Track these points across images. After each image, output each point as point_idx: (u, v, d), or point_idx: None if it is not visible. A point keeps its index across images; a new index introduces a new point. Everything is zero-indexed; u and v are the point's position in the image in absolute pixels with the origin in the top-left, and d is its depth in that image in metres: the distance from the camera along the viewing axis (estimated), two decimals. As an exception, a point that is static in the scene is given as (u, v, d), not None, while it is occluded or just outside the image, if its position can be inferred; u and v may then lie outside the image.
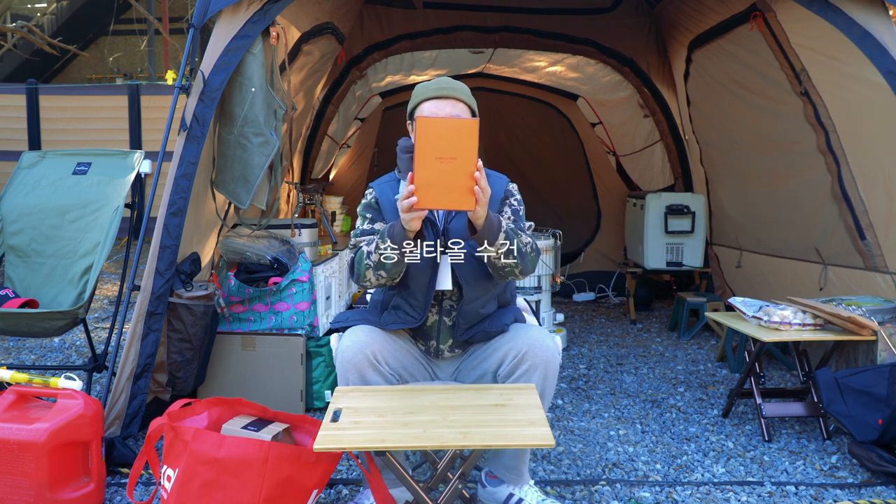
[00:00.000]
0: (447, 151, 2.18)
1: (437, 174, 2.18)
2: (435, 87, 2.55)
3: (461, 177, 2.19)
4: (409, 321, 2.56)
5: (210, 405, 2.73)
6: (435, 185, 2.19)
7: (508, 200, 2.62)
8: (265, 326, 3.73)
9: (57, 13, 14.77)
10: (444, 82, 2.57)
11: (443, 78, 2.61)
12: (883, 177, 3.71)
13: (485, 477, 2.69)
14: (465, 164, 2.18)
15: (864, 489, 2.91)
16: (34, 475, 2.47)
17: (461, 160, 2.18)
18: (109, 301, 6.16)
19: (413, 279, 2.51)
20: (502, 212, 2.59)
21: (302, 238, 4.10)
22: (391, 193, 2.59)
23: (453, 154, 2.18)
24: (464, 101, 2.55)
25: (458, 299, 2.56)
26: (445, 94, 2.52)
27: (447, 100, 2.52)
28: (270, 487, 2.35)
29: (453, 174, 2.18)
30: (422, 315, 2.55)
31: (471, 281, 2.52)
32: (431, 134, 2.17)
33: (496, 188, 2.59)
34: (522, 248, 2.42)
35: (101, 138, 8.41)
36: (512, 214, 2.59)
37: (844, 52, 3.59)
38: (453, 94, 2.53)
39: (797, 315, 3.42)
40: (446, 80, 2.59)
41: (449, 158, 2.18)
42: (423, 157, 2.17)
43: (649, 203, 5.82)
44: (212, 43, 3.29)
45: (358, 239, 2.56)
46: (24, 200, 3.54)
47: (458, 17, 5.97)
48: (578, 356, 4.88)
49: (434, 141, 2.17)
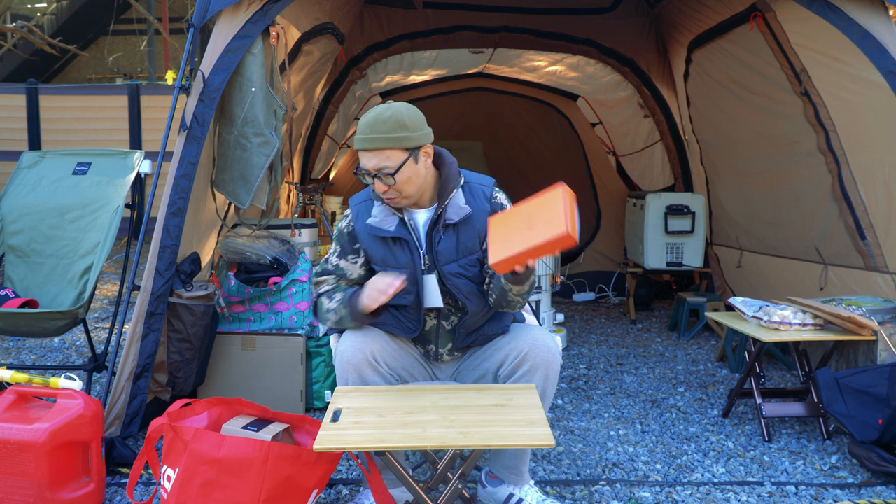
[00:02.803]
0: (536, 224, 2.15)
1: (512, 228, 2.18)
2: (360, 138, 2.38)
3: (520, 242, 2.15)
4: (406, 331, 2.56)
5: (210, 405, 2.73)
6: (507, 232, 2.18)
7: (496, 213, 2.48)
8: (265, 326, 3.73)
9: (57, 13, 14.75)
10: (369, 126, 2.37)
11: (370, 118, 2.39)
12: (883, 176, 3.71)
13: (485, 477, 2.69)
14: (532, 242, 2.13)
15: (864, 489, 2.91)
16: (34, 475, 2.47)
17: (533, 238, 2.13)
18: (109, 301, 6.16)
19: (400, 299, 2.48)
20: None
21: (302, 238, 4.10)
22: (366, 215, 2.54)
23: (534, 229, 2.14)
24: (389, 147, 2.36)
25: (455, 305, 2.55)
26: (367, 147, 2.37)
27: (370, 152, 2.37)
28: (270, 487, 2.35)
29: (519, 238, 2.16)
30: (417, 327, 2.55)
31: (472, 297, 2.50)
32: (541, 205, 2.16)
33: (478, 201, 2.50)
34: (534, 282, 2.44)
35: (101, 138, 8.41)
36: None
37: (844, 52, 3.59)
38: (375, 144, 2.36)
39: (797, 315, 3.42)
40: (372, 122, 2.37)
41: (529, 227, 2.16)
42: (520, 210, 2.18)
43: (649, 203, 5.82)
44: (212, 43, 3.29)
45: (318, 279, 2.59)
46: (24, 200, 3.54)
47: (458, 17, 5.97)
48: (578, 356, 4.88)
49: (537, 209, 2.16)
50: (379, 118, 2.37)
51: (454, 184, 2.50)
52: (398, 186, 2.40)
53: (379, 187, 2.42)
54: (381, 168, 2.38)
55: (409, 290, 2.47)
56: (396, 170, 2.37)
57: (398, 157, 2.38)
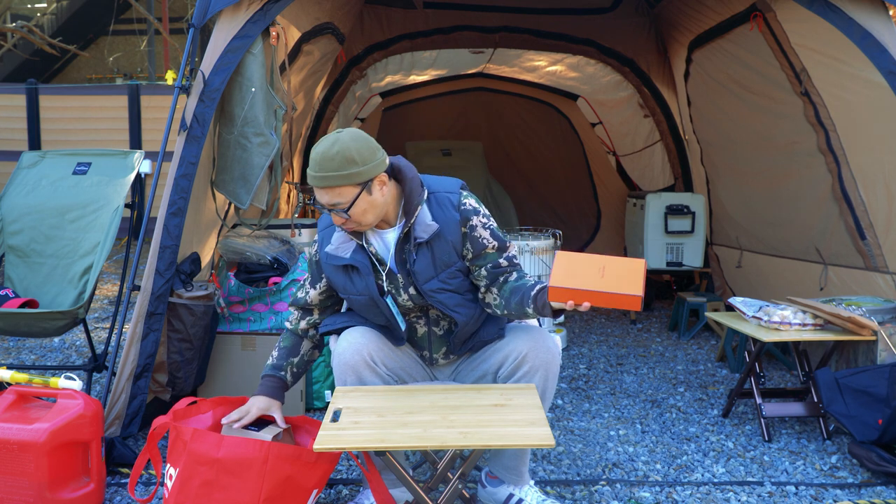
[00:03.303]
0: (610, 276, 2.16)
1: (582, 268, 2.19)
2: (311, 174, 2.33)
3: (589, 283, 2.15)
4: (394, 341, 2.56)
5: (216, 405, 2.72)
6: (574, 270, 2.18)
7: (471, 223, 2.42)
8: (265, 326, 3.73)
9: (57, 13, 14.75)
10: (317, 162, 2.31)
11: (317, 153, 2.31)
12: (883, 177, 3.71)
13: (485, 477, 2.69)
14: (603, 287, 2.14)
15: (864, 489, 2.91)
16: (34, 475, 2.47)
17: (604, 285, 2.15)
18: (109, 301, 6.16)
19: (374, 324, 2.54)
20: (474, 239, 2.42)
21: (302, 238, 4.10)
22: (326, 243, 2.53)
23: (607, 279, 2.15)
24: (339, 185, 2.30)
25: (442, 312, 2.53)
26: (318, 185, 2.32)
27: (321, 190, 2.33)
28: (270, 487, 2.35)
29: (588, 279, 2.16)
30: (401, 342, 2.55)
31: (459, 309, 2.47)
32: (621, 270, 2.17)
33: (446, 213, 2.42)
34: None
35: (101, 138, 8.42)
36: (492, 238, 2.43)
37: (844, 52, 3.59)
38: (324, 183, 2.30)
39: (797, 315, 3.42)
40: (320, 159, 2.30)
41: (602, 276, 2.16)
42: (594, 259, 2.19)
43: (649, 203, 5.82)
44: (212, 43, 3.29)
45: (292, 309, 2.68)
46: (24, 200, 3.54)
47: (458, 17, 5.97)
48: (578, 356, 4.88)
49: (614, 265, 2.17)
50: (326, 155, 2.29)
51: (418, 199, 2.41)
52: (355, 218, 2.37)
53: (336, 220, 2.41)
54: (334, 204, 2.34)
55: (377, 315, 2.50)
56: (350, 206, 2.33)
57: (350, 193, 2.32)
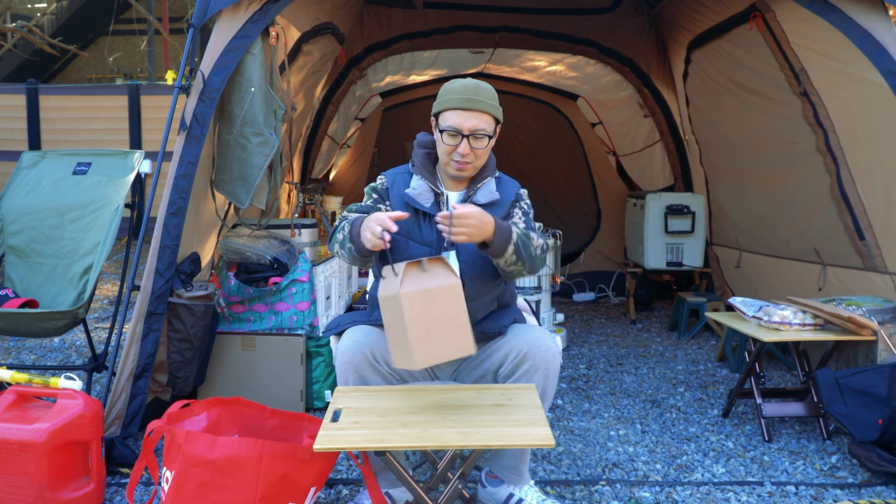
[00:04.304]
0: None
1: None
2: (460, 98, 2.44)
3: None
4: None
5: (209, 406, 2.72)
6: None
7: (518, 203, 2.63)
8: (265, 326, 3.73)
9: (57, 13, 14.75)
10: (470, 89, 2.46)
11: (469, 82, 2.48)
12: (882, 177, 3.71)
13: (485, 477, 2.69)
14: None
15: (864, 489, 2.91)
16: (34, 475, 2.47)
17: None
18: (109, 301, 6.16)
19: None
20: (511, 214, 2.59)
21: (302, 238, 4.10)
22: (402, 185, 2.57)
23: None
24: (489, 112, 2.45)
25: None
26: (470, 107, 2.43)
27: (471, 112, 2.43)
28: (266, 486, 2.35)
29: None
30: None
31: (475, 279, 2.51)
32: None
33: (507, 191, 2.62)
34: (533, 253, 2.44)
35: (101, 138, 8.42)
36: (522, 216, 2.60)
37: (844, 52, 3.58)
38: (479, 106, 2.44)
39: (797, 315, 3.42)
40: (474, 87, 2.47)
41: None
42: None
43: (649, 203, 5.82)
44: (212, 43, 3.30)
45: (350, 213, 2.54)
46: (24, 200, 3.55)
47: (458, 17, 5.97)
48: (578, 356, 4.88)
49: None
50: (479, 85, 2.47)
51: (489, 173, 2.59)
52: (479, 153, 2.48)
53: (463, 148, 2.45)
54: (478, 129, 2.44)
55: None
56: (491, 135, 2.46)
57: (492, 125, 2.48)
